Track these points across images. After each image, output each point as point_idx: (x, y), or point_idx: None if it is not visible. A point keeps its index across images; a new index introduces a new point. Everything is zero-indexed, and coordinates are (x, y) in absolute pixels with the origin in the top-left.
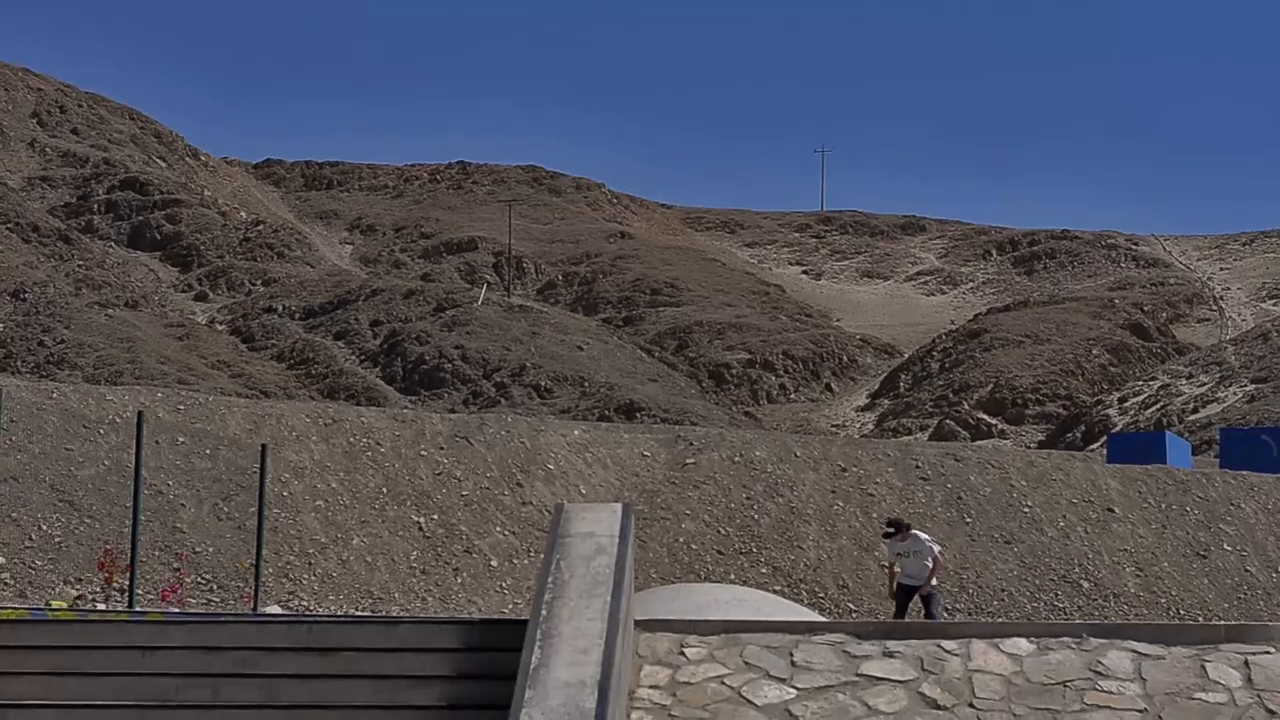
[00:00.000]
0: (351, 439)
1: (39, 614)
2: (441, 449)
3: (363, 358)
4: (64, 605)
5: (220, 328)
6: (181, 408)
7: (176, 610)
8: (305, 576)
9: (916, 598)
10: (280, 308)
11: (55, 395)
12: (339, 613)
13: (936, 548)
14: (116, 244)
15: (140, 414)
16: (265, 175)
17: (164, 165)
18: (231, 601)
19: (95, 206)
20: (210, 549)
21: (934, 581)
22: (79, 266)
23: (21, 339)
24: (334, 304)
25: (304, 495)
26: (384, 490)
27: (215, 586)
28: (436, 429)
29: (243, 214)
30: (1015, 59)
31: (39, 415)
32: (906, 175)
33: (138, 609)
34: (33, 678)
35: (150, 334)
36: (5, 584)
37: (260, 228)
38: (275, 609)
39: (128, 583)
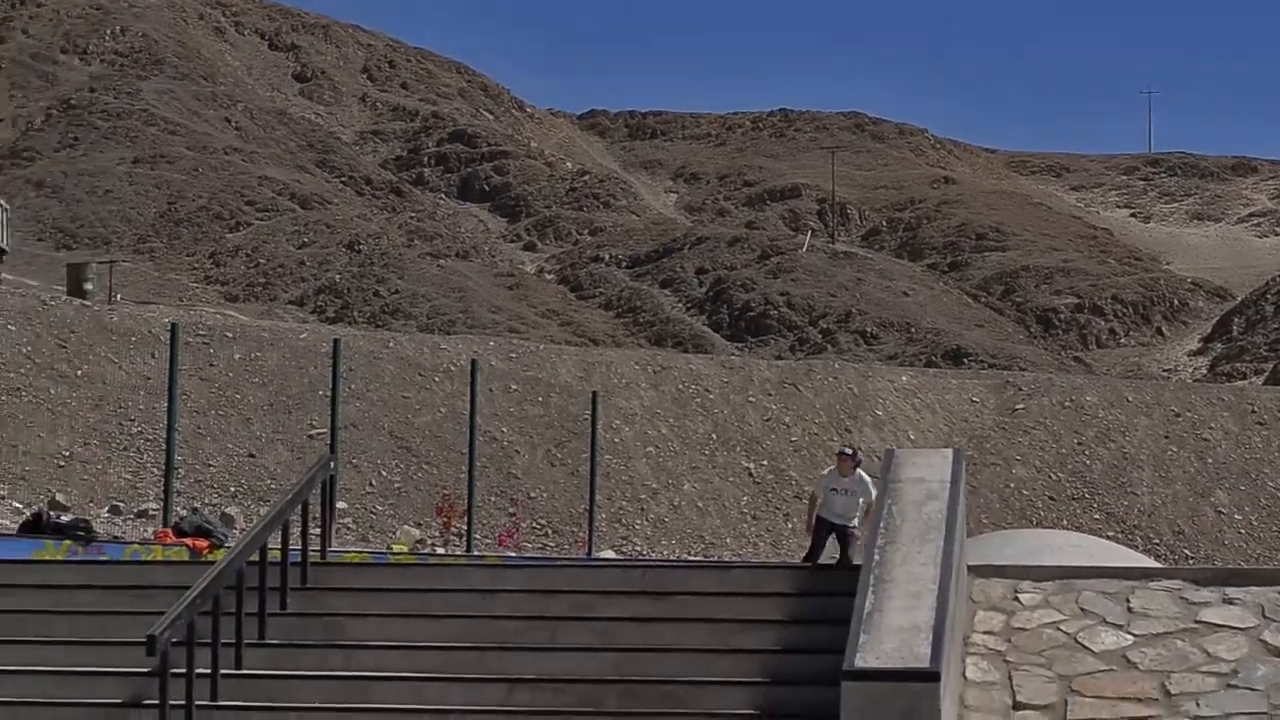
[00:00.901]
0: (680, 386)
1: (381, 557)
2: (769, 395)
3: (689, 305)
4: (405, 549)
5: (549, 277)
6: (513, 356)
7: (513, 554)
8: (637, 522)
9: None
10: (607, 256)
11: (391, 344)
12: (671, 557)
13: (875, 492)
14: (446, 195)
15: (474, 362)
16: (589, 126)
17: (491, 118)
18: (566, 546)
19: (425, 159)
20: (544, 494)
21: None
22: (411, 218)
23: (358, 290)
24: (659, 252)
25: (635, 441)
26: (713, 436)
27: (550, 531)
28: (764, 375)
29: (568, 164)
30: None
31: (376, 364)
32: (1236, 116)
33: (476, 553)
34: (376, 619)
35: (481, 284)
36: (348, 528)
37: (586, 178)
38: (609, 553)
39: (465, 527)
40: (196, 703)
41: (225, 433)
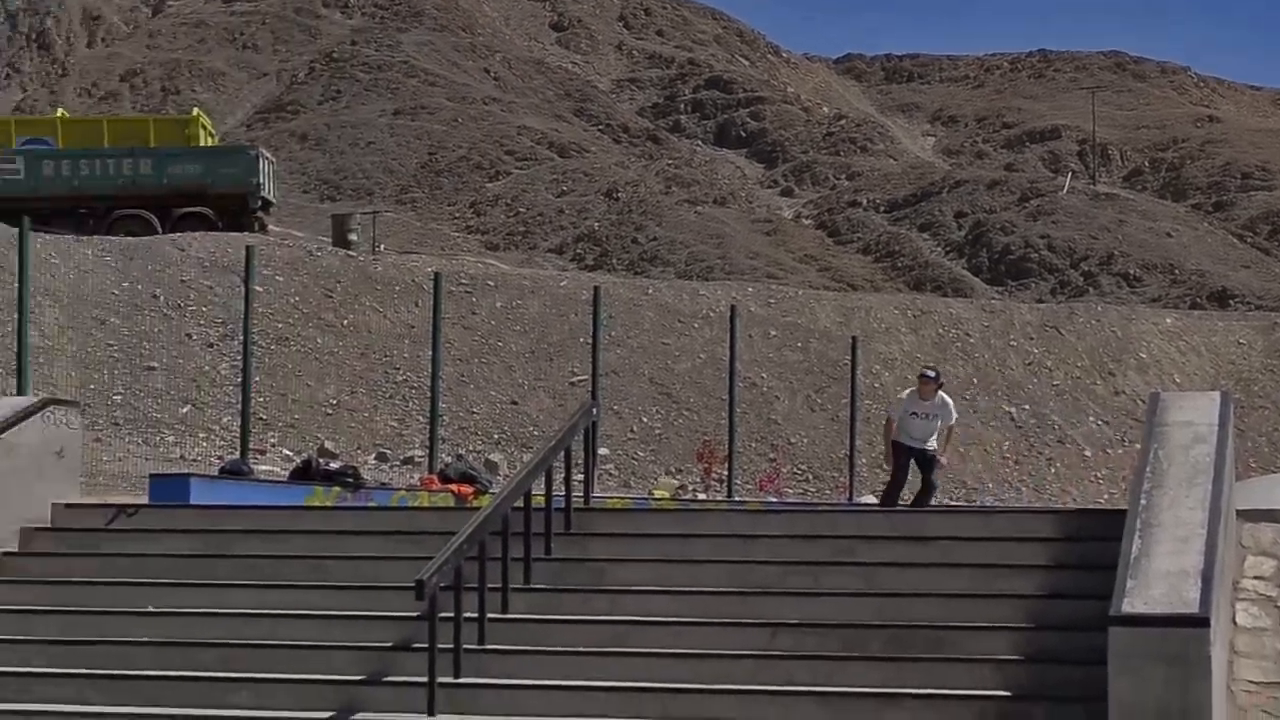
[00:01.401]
0: (940, 330)
1: (643, 503)
2: (1031, 339)
3: (948, 249)
4: (666, 495)
5: (806, 222)
6: (772, 301)
7: (775, 500)
8: None
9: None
10: (865, 201)
11: (650, 291)
12: (933, 502)
13: (956, 415)
14: (703, 142)
15: (733, 308)
16: (846, 70)
17: (747, 64)
18: (826, 491)
19: (682, 106)
20: (804, 440)
21: (942, 453)
22: (668, 165)
23: (616, 237)
24: (917, 196)
25: (895, 386)
26: (974, 380)
27: (810, 477)
28: (1025, 319)
29: (825, 109)
30: None
31: (636, 311)
32: None
33: (737, 498)
34: (639, 564)
35: (738, 230)
36: (610, 475)
37: (843, 122)
38: (870, 499)
39: (726, 473)
40: (464, 646)
41: (488, 380)
